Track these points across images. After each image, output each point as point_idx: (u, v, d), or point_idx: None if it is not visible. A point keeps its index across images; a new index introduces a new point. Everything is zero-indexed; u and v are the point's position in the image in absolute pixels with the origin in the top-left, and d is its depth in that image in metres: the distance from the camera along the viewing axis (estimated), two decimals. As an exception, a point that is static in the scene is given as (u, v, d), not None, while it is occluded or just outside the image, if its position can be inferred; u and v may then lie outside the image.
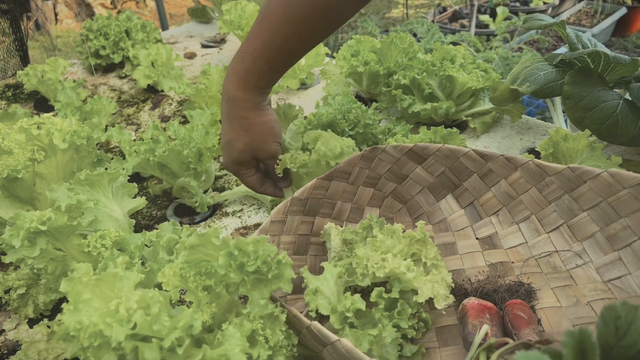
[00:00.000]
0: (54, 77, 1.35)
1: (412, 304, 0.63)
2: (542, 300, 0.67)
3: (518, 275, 0.72)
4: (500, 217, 0.79)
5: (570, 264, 0.71)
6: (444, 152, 0.79)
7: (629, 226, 0.66)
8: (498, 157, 0.75)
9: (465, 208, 0.82)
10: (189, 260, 0.51)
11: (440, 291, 0.63)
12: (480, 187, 0.80)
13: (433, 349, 0.64)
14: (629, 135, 0.86)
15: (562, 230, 0.73)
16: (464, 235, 0.81)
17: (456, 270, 0.75)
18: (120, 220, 0.73)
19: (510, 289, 0.68)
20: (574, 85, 0.89)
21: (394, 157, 0.82)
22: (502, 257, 0.75)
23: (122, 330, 0.42)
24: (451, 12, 3.97)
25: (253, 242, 0.50)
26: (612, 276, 0.67)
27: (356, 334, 0.59)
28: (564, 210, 0.72)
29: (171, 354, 0.43)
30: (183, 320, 0.44)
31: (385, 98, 1.19)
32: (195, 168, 0.92)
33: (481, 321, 0.60)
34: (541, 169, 0.71)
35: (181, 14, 5.02)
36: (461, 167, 0.79)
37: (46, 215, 0.60)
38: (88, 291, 0.45)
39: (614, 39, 3.85)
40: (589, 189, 0.68)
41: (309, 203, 0.79)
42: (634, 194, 0.64)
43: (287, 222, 0.76)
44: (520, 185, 0.75)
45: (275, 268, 0.49)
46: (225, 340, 0.47)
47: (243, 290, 0.51)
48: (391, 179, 0.85)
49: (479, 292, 0.69)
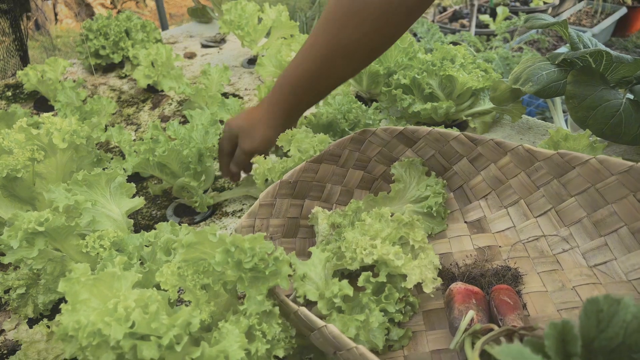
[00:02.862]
0: (53, 77, 1.35)
1: (400, 288, 0.64)
2: (528, 284, 0.68)
3: (505, 259, 0.73)
4: (489, 201, 0.80)
5: (557, 248, 0.72)
6: (434, 136, 0.79)
7: (615, 212, 0.66)
8: (488, 141, 0.75)
9: (455, 191, 0.83)
10: (187, 258, 0.51)
11: (428, 275, 0.63)
12: (469, 170, 0.80)
13: (420, 332, 0.65)
14: (633, 134, 0.86)
15: (550, 215, 0.74)
16: (452, 218, 0.81)
17: (444, 254, 0.76)
18: (118, 220, 0.73)
19: (497, 274, 0.69)
20: (577, 84, 0.89)
21: (384, 139, 0.82)
22: (490, 241, 0.76)
23: (121, 329, 0.42)
24: (451, 12, 3.96)
25: (250, 239, 0.49)
26: (597, 261, 0.68)
27: (344, 319, 0.59)
28: (552, 196, 0.73)
29: (170, 351, 0.43)
30: (181, 318, 0.44)
31: (385, 98, 1.19)
32: (195, 168, 0.92)
33: (467, 306, 0.60)
34: (530, 154, 0.72)
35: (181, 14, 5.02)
36: (451, 151, 0.80)
37: (44, 215, 0.59)
38: (86, 291, 0.45)
39: (614, 39, 3.85)
40: (578, 175, 0.69)
41: (298, 186, 0.80)
42: (621, 181, 0.64)
43: (276, 205, 0.76)
44: (510, 170, 0.76)
45: (272, 265, 0.49)
46: (223, 337, 0.47)
47: (241, 288, 0.51)
48: (381, 161, 0.86)
49: (466, 277, 0.69)
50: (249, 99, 1.40)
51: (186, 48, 1.77)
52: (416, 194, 0.80)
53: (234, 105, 1.14)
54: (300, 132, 0.82)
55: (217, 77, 1.28)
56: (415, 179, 0.81)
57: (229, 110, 1.14)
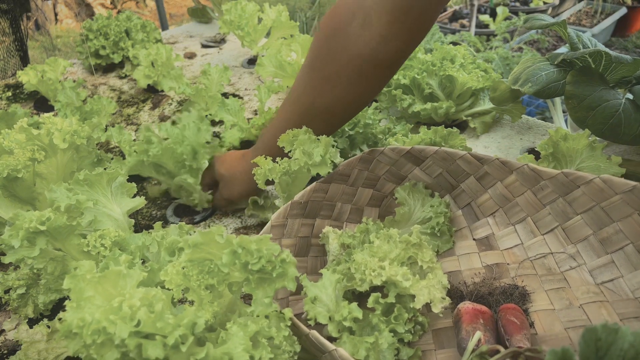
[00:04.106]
0: (54, 77, 1.35)
1: (409, 308, 0.64)
2: (535, 303, 0.68)
3: (513, 277, 0.73)
4: (497, 219, 0.80)
5: (565, 266, 0.72)
6: (440, 155, 0.79)
7: (621, 230, 0.67)
8: (493, 160, 0.75)
9: (463, 209, 0.83)
10: (192, 258, 0.51)
11: (437, 295, 0.64)
12: (477, 188, 0.80)
13: (429, 351, 0.65)
14: (632, 134, 0.86)
15: (557, 232, 0.74)
16: (461, 235, 0.81)
17: (453, 272, 0.76)
18: (119, 220, 0.73)
19: (505, 292, 0.69)
20: (576, 85, 0.89)
21: (392, 158, 0.82)
22: (498, 258, 0.77)
23: (126, 327, 0.42)
24: (451, 12, 3.96)
25: (256, 240, 0.50)
26: (604, 279, 0.68)
27: (354, 341, 0.60)
28: (559, 213, 0.73)
29: (175, 351, 0.43)
30: (187, 318, 0.44)
31: (385, 98, 1.19)
32: (190, 165, 0.92)
33: (474, 327, 0.61)
34: (536, 173, 0.72)
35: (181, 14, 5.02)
36: (458, 169, 0.80)
37: (45, 215, 0.60)
38: (91, 289, 0.45)
39: (614, 39, 3.85)
40: (582, 194, 0.69)
41: (309, 206, 0.80)
42: (625, 200, 0.65)
43: (288, 226, 0.77)
44: (516, 188, 0.76)
45: (279, 267, 0.49)
46: (229, 339, 0.47)
47: (247, 289, 0.51)
48: (390, 179, 0.86)
49: (474, 295, 0.69)
50: (249, 99, 1.40)
51: (186, 48, 1.77)
52: (421, 215, 0.81)
53: (234, 105, 1.14)
54: (303, 134, 0.82)
55: (217, 77, 1.28)
56: (419, 201, 0.82)
57: (228, 110, 1.14)
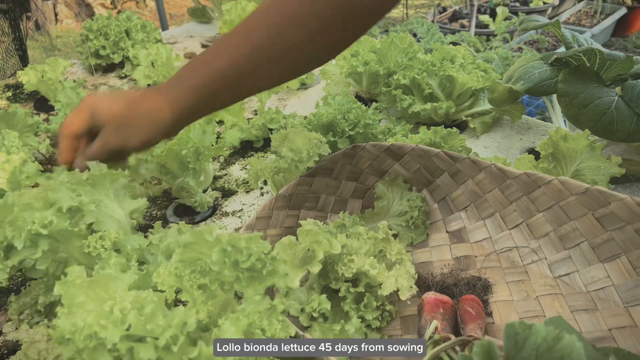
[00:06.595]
0: (54, 77, 1.35)
1: (378, 296, 0.69)
2: (496, 294, 0.73)
3: (479, 269, 0.78)
4: (469, 213, 0.85)
5: (527, 259, 0.77)
6: (417, 152, 0.84)
7: (577, 228, 0.72)
8: (465, 159, 0.80)
9: (439, 202, 0.88)
10: (183, 259, 0.51)
11: (404, 283, 0.68)
12: (450, 184, 0.85)
13: (396, 336, 0.70)
14: (626, 131, 0.87)
15: (522, 228, 0.79)
16: (436, 228, 0.86)
17: (424, 263, 0.81)
18: (122, 221, 0.73)
19: (469, 283, 0.74)
20: (568, 82, 0.90)
21: (373, 154, 0.86)
22: (467, 250, 0.81)
23: (117, 331, 0.42)
24: (451, 12, 3.96)
25: (246, 238, 0.49)
26: (561, 272, 0.73)
27: (323, 328, 0.65)
28: (523, 210, 0.78)
29: (166, 352, 0.43)
30: (177, 318, 0.44)
31: (385, 98, 1.19)
32: (194, 168, 0.92)
33: (433, 316, 0.66)
34: (502, 172, 0.77)
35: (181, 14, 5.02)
36: (433, 166, 0.84)
37: (48, 217, 0.59)
38: (82, 294, 0.45)
39: (614, 39, 3.85)
40: (543, 193, 0.73)
41: (294, 198, 0.84)
42: (580, 201, 0.69)
43: (273, 217, 0.81)
44: (485, 185, 0.81)
45: (269, 264, 0.49)
46: (222, 335, 0.47)
47: (238, 287, 0.51)
48: (372, 173, 0.90)
49: (440, 286, 0.74)
50: (249, 99, 1.41)
51: (186, 48, 1.78)
52: (399, 208, 0.86)
53: (234, 105, 1.14)
54: (295, 132, 0.83)
55: (217, 78, 1.28)
56: (397, 194, 0.86)
57: (228, 110, 1.14)
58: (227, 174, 1.10)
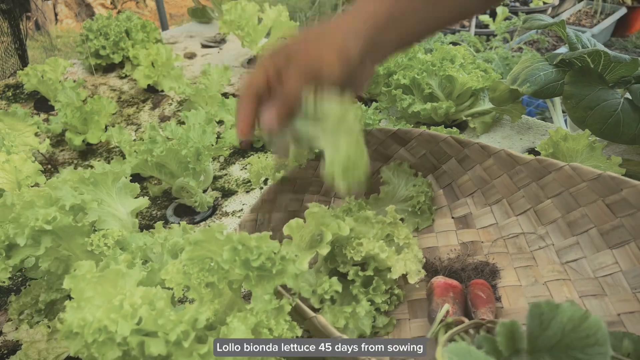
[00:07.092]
0: (54, 77, 1.35)
1: (387, 280, 0.70)
2: (504, 279, 0.74)
3: (486, 254, 0.78)
4: (475, 199, 0.85)
5: (534, 245, 0.77)
6: (424, 137, 0.84)
7: (586, 214, 0.72)
8: (474, 144, 0.80)
9: (444, 188, 0.88)
10: (192, 256, 0.51)
11: (412, 267, 0.69)
12: (457, 170, 0.85)
13: (404, 320, 0.71)
14: (631, 133, 0.87)
15: (529, 214, 0.78)
16: (441, 214, 0.87)
17: (431, 248, 0.81)
18: (124, 220, 0.73)
19: (477, 268, 0.75)
20: (574, 85, 0.90)
21: (379, 138, 0.86)
22: (473, 236, 0.81)
23: (127, 325, 0.42)
24: (451, 12, 3.96)
25: (256, 238, 0.50)
26: (569, 258, 0.73)
27: (334, 311, 0.66)
28: (532, 197, 0.78)
29: (177, 347, 0.44)
30: (188, 314, 0.45)
31: (385, 98, 1.19)
32: (193, 168, 0.92)
33: (444, 299, 0.66)
34: (512, 158, 0.77)
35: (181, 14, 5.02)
36: (440, 151, 0.84)
37: (51, 214, 0.60)
38: (91, 288, 0.45)
39: (614, 39, 3.85)
40: (553, 179, 0.73)
41: (298, 182, 0.84)
42: (591, 187, 0.69)
43: (277, 201, 0.81)
44: (493, 171, 0.81)
45: (279, 263, 0.50)
46: (230, 334, 0.47)
47: (247, 286, 0.51)
48: (377, 158, 0.90)
49: (447, 270, 0.74)
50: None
51: (186, 48, 1.78)
52: (405, 194, 0.85)
53: (234, 105, 1.14)
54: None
55: (217, 77, 1.28)
56: (403, 180, 0.86)
57: (228, 111, 1.14)
58: (227, 174, 1.10)
